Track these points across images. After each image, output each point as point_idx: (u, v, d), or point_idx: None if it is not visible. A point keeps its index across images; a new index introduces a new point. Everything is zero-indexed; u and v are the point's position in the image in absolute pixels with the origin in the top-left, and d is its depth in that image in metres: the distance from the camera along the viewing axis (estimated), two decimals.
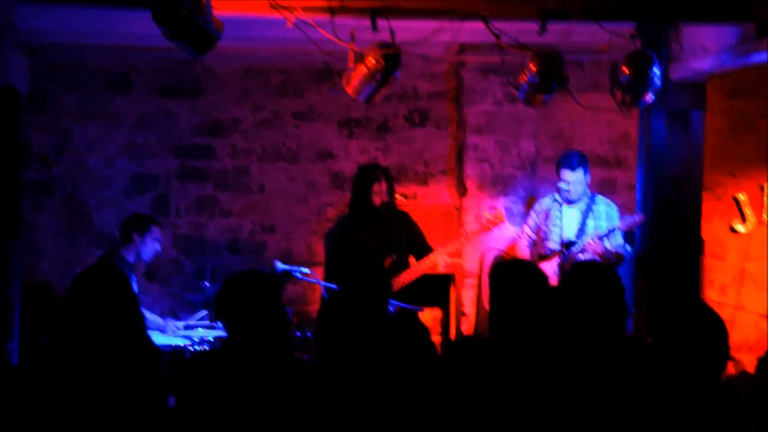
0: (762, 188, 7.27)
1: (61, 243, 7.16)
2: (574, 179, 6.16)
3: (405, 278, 5.95)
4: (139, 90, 7.16)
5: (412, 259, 6.09)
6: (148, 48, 6.43)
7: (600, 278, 4.29)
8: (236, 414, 3.39)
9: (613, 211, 6.27)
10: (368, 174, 6.08)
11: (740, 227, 7.30)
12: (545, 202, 6.41)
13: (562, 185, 6.20)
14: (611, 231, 6.05)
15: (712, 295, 7.17)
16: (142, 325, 3.56)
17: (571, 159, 6.20)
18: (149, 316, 5.98)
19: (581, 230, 6.20)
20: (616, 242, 6.13)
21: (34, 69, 6.17)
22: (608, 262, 5.90)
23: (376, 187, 5.99)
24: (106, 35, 6.16)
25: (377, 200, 6.00)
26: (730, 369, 7.08)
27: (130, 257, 6.12)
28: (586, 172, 6.20)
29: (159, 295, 7.13)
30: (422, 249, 6.09)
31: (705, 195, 6.39)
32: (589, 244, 6.01)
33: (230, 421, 3.38)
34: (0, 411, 3.33)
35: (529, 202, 6.94)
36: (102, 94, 7.11)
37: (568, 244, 6.14)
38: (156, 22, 4.46)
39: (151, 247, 6.14)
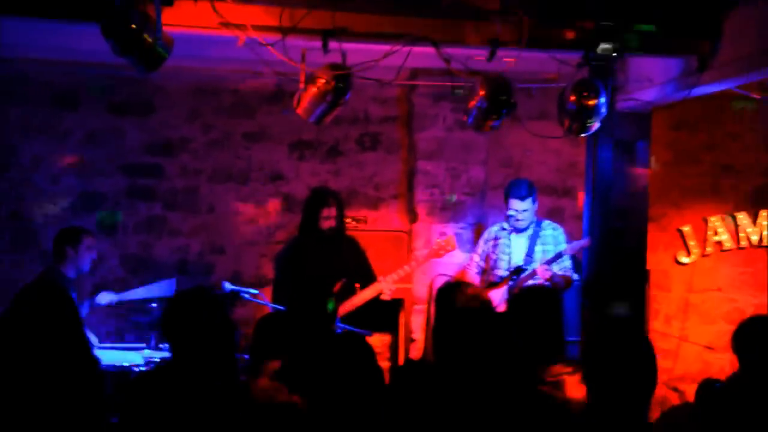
0: (705, 221, 7.41)
1: (5, 261, 7.04)
2: (522, 208, 6.20)
3: (351, 304, 5.93)
4: (87, 106, 7.07)
5: (357, 286, 6.08)
6: (97, 64, 6.39)
7: (543, 301, 4.34)
8: None
9: (560, 234, 6.33)
10: (318, 198, 6.07)
11: (685, 259, 7.41)
12: (494, 231, 6.45)
13: (510, 213, 6.24)
14: (559, 255, 6.10)
15: (657, 326, 7.26)
16: (84, 342, 3.50)
17: (521, 188, 6.23)
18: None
19: (529, 256, 6.25)
20: (563, 266, 6.18)
21: None
22: (557, 287, 5.96)
23: (325, 212, 5.98)
24: (54, 49, 6.11)
25: (326, 224, 5.99)
26: (674, 399, 7.18)
27: (70, 272, 6.02)
28: (534, 200, 6.26)
29: (105, 315, 7.02)
30: (367, 277, 6.08)
31: (650, 226, 6.47)
32: (538, 269, 6.05)
33: None
34: None
35: (478, 230, 6.98)
36: (49, 109, 7.01)
37: (516, 271, 6.18)
38: (105, 37, 4.44)
39: (87, 257, 6.05)
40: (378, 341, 6.72)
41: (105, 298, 6.10)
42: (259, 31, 4.74)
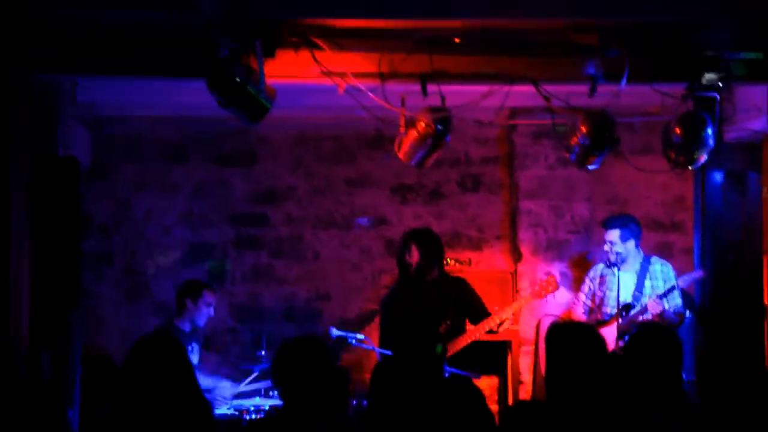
0: None
1: (120, 313, 7.24)
2: (609, 238, 6.17)
3: (461, 343, 5.90)
4: (194, 159, 7.28)
5: (469, 325, 6.03)
6: (203, 118, 6.58)
7: (663, 339, 4.21)
8: None
9: (669, 270, 6.19)
10: (400, 243, 6.11)
11: None
12: (600, 267, 6.36)
13: (605, 246, 6.17)
14: (670, 290, 5.96)
15: None
16: (198, 393, 3.56)
17: (607, 218, 6.30)
18: (205, 380, 6.00)
19: (638, 292, 6.12)
20: (674, 303, 6.03)
21: (95, 140, 6.33)
22: (669, 323, 5.81)
23: (406, 257, 6.00)
24: (163, 106, 6.31)
25: (412, 269, 5.99)
26: None
27: (185, 326, 6.14)
28: (624, 231, 6.16)
29: (216, 364, 7.14)
30: (480, 313, 6.03)
31: (766, 258, 6.26)
32: (648, 304, 5.92)
33: None
34: None
35: (581, 264, 6.88)
36: (159, 163, 7.25)
37: (626, 307, 6.05)
38: (210, 91, 4.58)
39: (204, 312, 6.16)
40: (486, 384, 6.63)
41: (226, 391, 6.14)
42: (359, 77, 4.81)
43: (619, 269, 6.17)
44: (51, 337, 5.13)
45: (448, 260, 6.42)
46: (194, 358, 6.11)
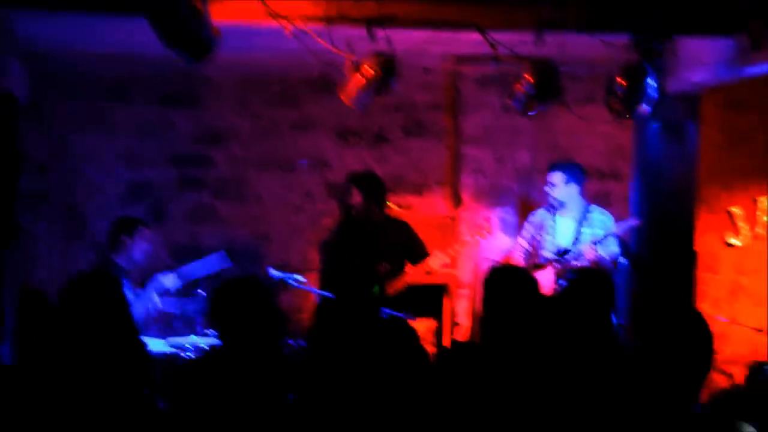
0: (755, 201, 7.30)
1: (58, 251, 7.16)
2: (552, 180, 6.24)
3: (400, 284, 5.96)
4: (137, 98, 7.18)
5: (409, 266, 6.09)
6: (147, 57, 6.45)
7: (597, 282, 4.32)
8: (228, 420, 3.39)
9: (609, 220, 6.29)
10: (343, 186, 6.13)
11: (734, 241, 7.32)
12: (539, 213, 6.44)
13: (546, 188, 6.26)
14: (606, 237, 6.07)
15: (705, 309, 7.17)
16: (133, 329, 3.57)
17: (554, 161, 6.38)
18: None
19: (576, 239, 6.23)
20: (611, 250, 6.16)
21: (33, 77, 6.18)
22: (605, 269, 5.94)
23: (348, 199, 6.03)
24: (105, 43, 6.18)
25: (354, 210, 6.02)
26: (723, 383, 7.10)
27: (123, 262, 6.08)
28: (567, 174, 6.24)
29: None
30: (420, 254, 6.10)
31: (699, 208, 6.40)
32: (585, 251, 6.03)
33: (221, 428, 3.39)
34: None
35: (523, 210, 6.97)
36: (100, 102, 7.13)
37: (563, 252, 6.16)
38: (152, 28, 4.49)
39: (142, 247, 6.09)
40: (423, 326, 6.73)
41: (169, 281, 6.08)
42: (306, 21, 4.77)
43: (555, 214, 6.27)
44: None
45: (390, 204, 6.45)
46: (130, 294, 6.09)
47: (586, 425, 3.33)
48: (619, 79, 5.23)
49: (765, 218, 7.31)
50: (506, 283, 4.15)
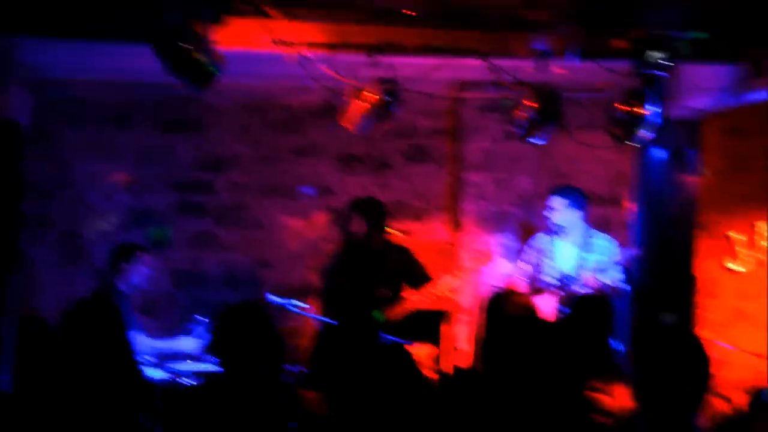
0: (753, 226, 7.31)
1: (58, 276, 7.15)
2: (553, 205, 6.22)
3: (402, 310, 5.95)
4: (139, 125, 7.18)
5: (411, 292, 6.08)
6: (149, 83, 6.48)
7: (599, 310, 4.33)
8: None
9: (611, 245, 6.29)
10: (345, 212, 6.13)
11: (733, 266, 7.32)
12: (540, 237, 6.44)
13: (546, 212, 6.27)
14: (610, 265, 6.06)
15: (705, 334, 7.16)
16: (131, 358, 3.56)
17: (556, 186, 6.37)
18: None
19: (578, 264, 6.22)
20: (614, 277, 6.15)
21: (36, 103, 6.20)
22: (607, 297, 5.92)
23: (350, 225, 6.03)
24: (108, 70, 6.21)
25: (355, 238, 6.02)
26: (723, 408, 7.08)
27: (123, 287, 6.12)
28: (570, 200, 6.23)
29: (156, 329, 7.10)
30: (421, 280, 6.09)
31: (700, 233, 6.40)
32: (588, 277, 6.02)
33: None
34: None
35: (524, 236, 6.96)
36: (103, 128, 7.13)
37: (566, 279, 6.15)
38: (156, 56, 4.51)
39: (141, 273, 6.14)
40: (422, 352, 6.72)
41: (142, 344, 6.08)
42: (310, 47, 4.79)
43: (555, 238, 6.26)
44: None
45: (390, 230, 6.45)
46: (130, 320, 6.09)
47: None
48: (619, 105, 5.25)
49: (764, 243, 7.32)
50: (506, 308, 4.16)
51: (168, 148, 7.23)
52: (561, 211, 6.22)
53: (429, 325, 6.59)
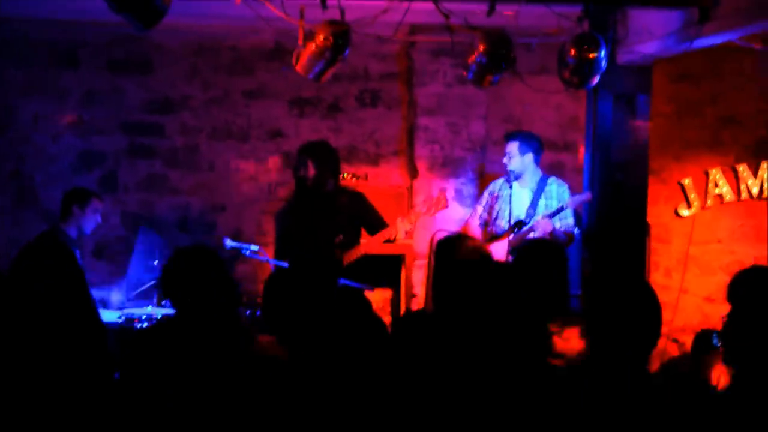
0: (706, 174, 7.41)
1: (6, 220, 7.07)
2: (508, 150, 6.24)
3: (356, 254, 5.96)
4: (86, 65, 7.07)
5: (365, 237, 6.09)
6: (96, 23, 6.36)
7: (548, 255, 4.36)
8: (182, 389, 3.38)
9: (565, 191, 6.31)
10: (296, 157, 6.09)
11: (685, 212, 7.43)
12: (498, 182, 6.46)
13: (504, 159, 6.28)
14: (560, 209, 6.10)
15: (657, 279, 7.28)
16: (87, 299, 3.54)
17: (509, 133, 6.39)
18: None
19: (532, 209, 6.26)
20: (566, 222, 6.20)
21: None
22: (558, 242, 5.97)
23: (302, 170, 6.00)
24: (53, 9, 6.07)
25: (308, 183, 6.00)
26: (674, 351, 7.24)
27: (72, 232, 6.11)
28: (523, 144, 6.24)
29: (108, 273, 7.08)
30: (376, 225, 6.09)
31: (651, 179, 6.47)
32: (539, 222, 6.06)
33: (175, 397, 3.38)
34: None
35: (481, 185, 6.99)
36: (48, 69, 7.01)
37: (518, 224, 6.17)
38: None
39: (92, 219, 6.14)
40: (379, 297, 6.76)
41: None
42: None
43: (511, 185, 6.29)
44: None
45: (345, 174, 6.43)
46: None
47: (539, 390, 3.37)
48: (570, 50, 5.25)
49: (715, 190, 7.42)
50: (458, 252, 4.18)
51: (116, 89, 7.12)
52: (516, 157, 6.23)
53: (387, 269, 6.63)
